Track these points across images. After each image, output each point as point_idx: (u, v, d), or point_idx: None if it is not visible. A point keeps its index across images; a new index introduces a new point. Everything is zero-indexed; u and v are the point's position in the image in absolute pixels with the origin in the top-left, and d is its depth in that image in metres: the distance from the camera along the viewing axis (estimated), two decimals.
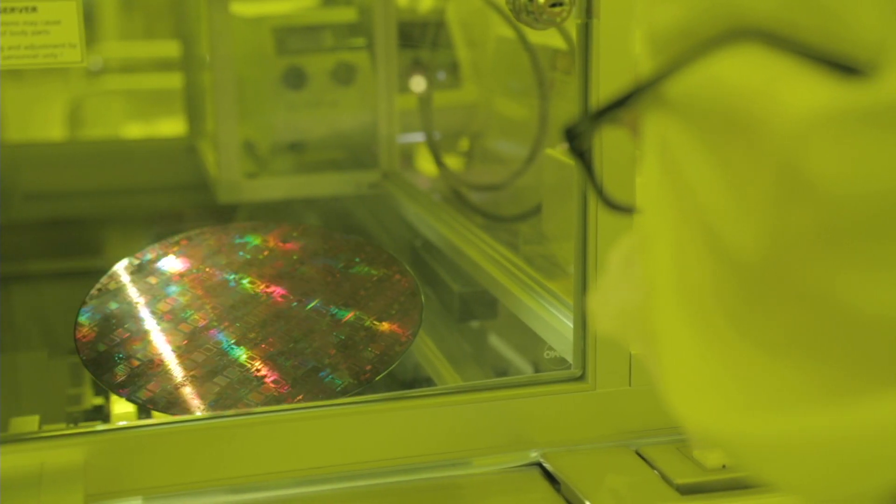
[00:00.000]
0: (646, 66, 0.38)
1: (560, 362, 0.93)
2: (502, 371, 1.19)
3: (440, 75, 1.54)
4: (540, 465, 0.87)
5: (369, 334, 0.96)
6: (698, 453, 0.83)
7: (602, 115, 0.40)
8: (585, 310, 0.87)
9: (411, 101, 1.50)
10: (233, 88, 1.42)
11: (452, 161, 1.53)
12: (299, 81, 1.46)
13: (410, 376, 1.18)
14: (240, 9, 1.52)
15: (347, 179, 1.50)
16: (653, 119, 0.38)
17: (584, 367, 0.89)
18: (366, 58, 1.49)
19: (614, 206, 0.45)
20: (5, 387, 1.11)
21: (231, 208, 1.45)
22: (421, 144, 1.53)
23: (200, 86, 1.65)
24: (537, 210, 1.18)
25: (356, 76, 1.48)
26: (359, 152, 1.53)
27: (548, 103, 1.25)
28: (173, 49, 1.85)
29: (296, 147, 1.52)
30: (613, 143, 0.81)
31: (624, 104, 0.38)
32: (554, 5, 0.81)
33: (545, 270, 1.09)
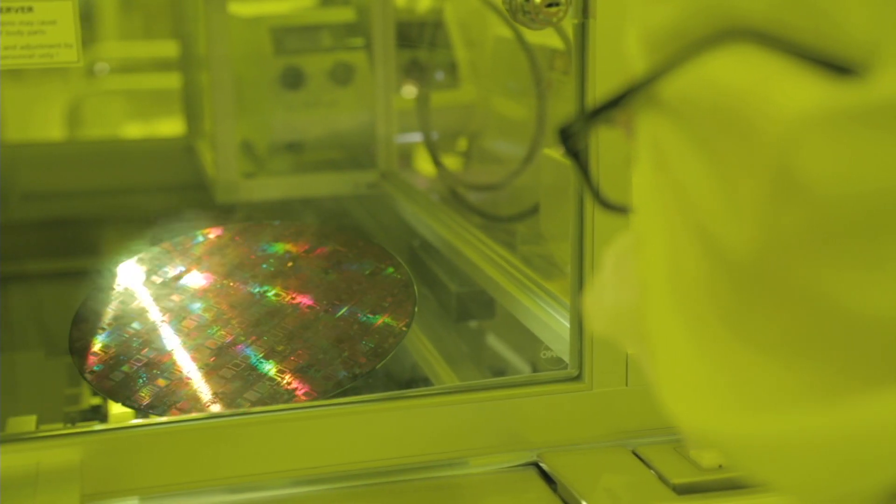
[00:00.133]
0: (639, 66, 0.38)
1: (557, 362, 0.93)
2: (499, 371, 1.19)
3: (438, 75, 1.54)
4: (536, 464, 0.87)
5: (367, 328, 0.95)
6: (695, 453, 0.83)
7: (595, 115, 0.40)
8: (581, 309, 0.87)
9: (409, 101, 1.50)
10: (231, 88, 1.42)
11: (451, 161, 1.53)
12: (297, 81, 1.46)
13: (408, 376, 1.18)
14: (237, 8, 1.52)
15: (345, 179, 1.50)
16: (646, 119, 0.38)
17: (580, 367, 0.89)
18: (364, 58, 1.49)
19: (609, 206, 0.45)
20: (3, 387, 1.11)
21: (229, 208, 1.45)
22: (419, 144, 1.53)
23: (199, 86, 1.65)
24: (535, 210, 1.18)
25: (354, 76, 1.48)
26: (357, 152, 1.53)
27: (545, 103, 1.25)
28: (172, 49, 1.85)
29: (294, 147, 1.52)
30: (609, 143, 0.81)
31: (617, 104, 0.38)
32: (550, 5, 0.81)
33: (543, 270, 1.09)
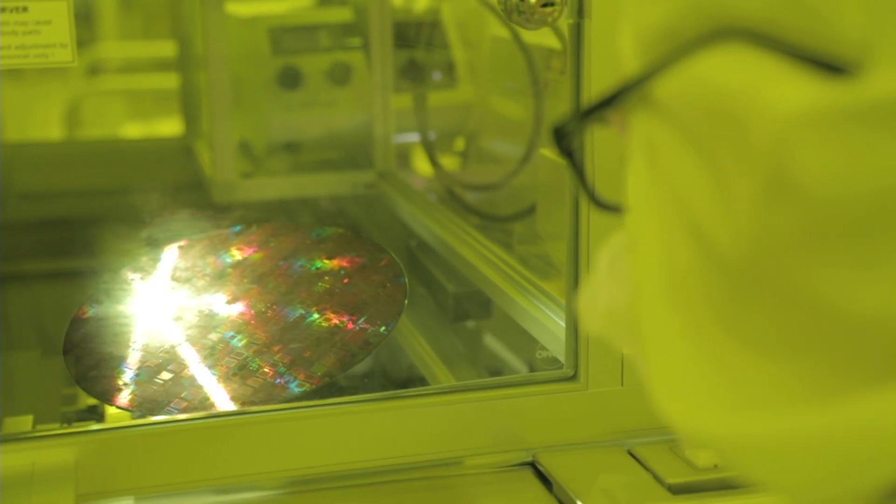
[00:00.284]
0: (633, 66, 0.38)
1: (553, 362, 0.93)
2: (496, 371, 1.19)
3: (436, 75, 1.54)
4: (532, 464, 0.87)
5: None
6: (690, 453, 0.83)
7: (589, 114, 0.40)
8: (575, 309, 0.87)
9: (407, 101, 1.50)
10: (228, 88, 1.42)
11: (448, 161, 1.53)
12: (295, 81, 1.46)
13: (404, 376, 1.18)
14: (235, 8, 1.52)
15: (343, 179, 1.50)
16: (640, 118, 0.38)
17: (576, 366, 0.89)
18: (361, 58, 1.48)
19: (603, 205, 0.45)
20: (2, 387, 1.11)
21: (226, 208, 1.45)
22: (417, 144, 1.53)
23: (197, 86, 1.65)
24: (532, 210, 1.18)
25: (352, 76, 1.48)
26: (354, 152, 1.53)
27: (542, 103, 1.24)
28: (171, 49, 1.85)
29: (291, 147, 1.52)
30: (605, 143, 0.81)
31: (611, 103, 0.38)
32: (545, 5, 0.81)
33: (540, 271, 1.09)
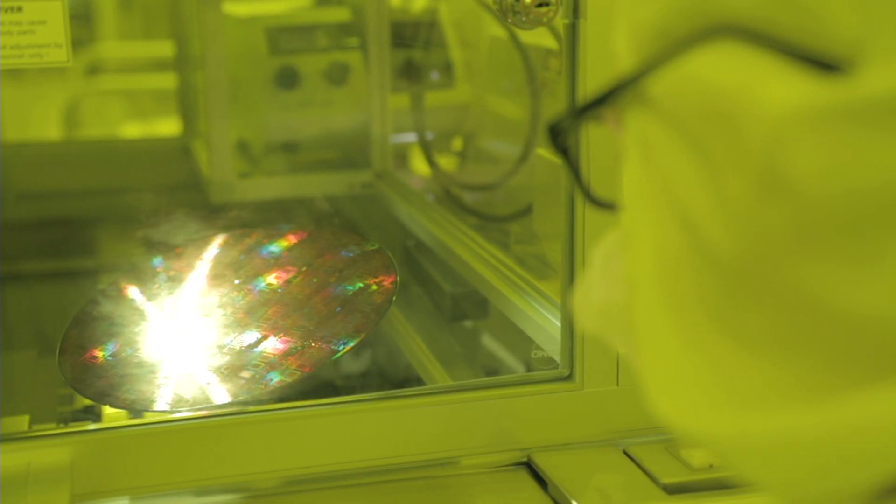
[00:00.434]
0: (627, 64, 0.38)
1: (548, 362, 0.93)
2: (493, 371, 1.19)
3: (433, 75, 1.54)
4: (527, 464, 0.87)
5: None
6: (685, 453, 0.83)
7: (584, 112, 0.40)
8: (570, 308, 0.87)
9: (404, 101, 1.49)
10: (225, 88, 1.41)
11: (446, 161, 1.53)
12: (292, 81, 1.46)
13: (402, 376, 1.18)
14: (232, 8, 1.52)
15: (340, 179, 1.50)
16: (634, 116, 0.38)
17: (571, 366, 0.89)
18: (359, 58, 1.48)
19: (598, 203, 0.45)
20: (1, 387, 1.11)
21: (223, 208, 1.45)
22: (414, 144, 1.53)
23: (195, 86, 1.65)
24: (529, 210, 1.18)
25: (349, 76, 1.48)
26: (352, 152, 1.53)
27: (539, 103, 1.24)
28: (170, 49, 1.85)
29: (289, 147, 1.52)
30: (600, 141, 0.81)
31: (605, 101, 0.38)
32: (540, 5, 0.81)
33: (536, 271, 1.09)
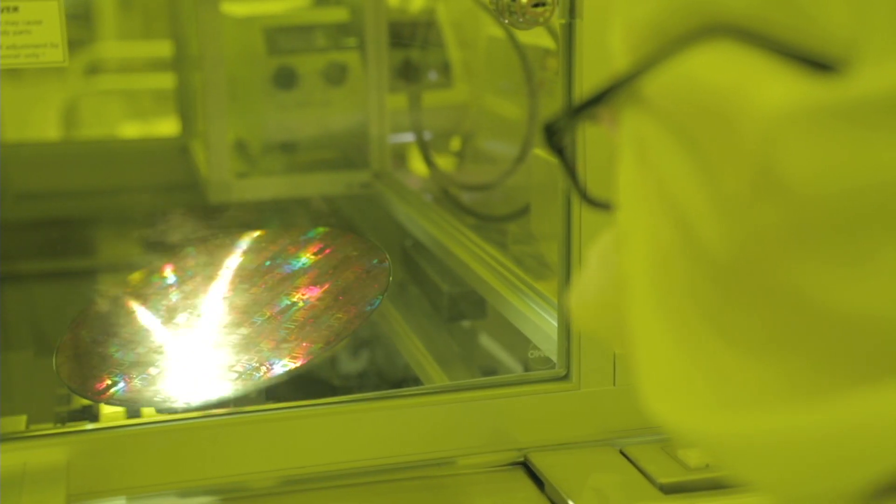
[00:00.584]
0: (622, 63, 0.38)
1: (545, 362, 0.93)
2: (490, 371, 1.19)
3: (431, 75, 1.54)
4: (524, 464, 0.87)
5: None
6: (682, 452, 0.83)
7: (579, 111, 0.40)
8: (566, 307, 0.87)
9: (402, 100, 1.50)
10: (223, 88, 1.41)
11: (444, 161, 1.53)
12: (290, 81, 1.46)
13: (399, 376, 1.18)
14: (230, 8, 1.52)
15: (338, 179, 1.50)
16: (629, 115, 0.38)
17: (568, 366, 0.89)
18: (357, 58, 1.48)
19: (594, 203, 0.45)
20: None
21: (221, 208, 1.45)
22: (412, 144, 1.53)
23: (193, 86, 1.65)
24: (527, 210, 1.18)
25: (347, 76, 1.48)
26: (350, 152, 1.53)
27: (537, 103, 1.24)
28: (168, 49, 1.85)
29: (287, 147, 1.52)
30: (596, 140, 0.81)
31: (601, 101, 0.38)
32: (536, 5, 0.81)
33: (534, 271, 1.09)
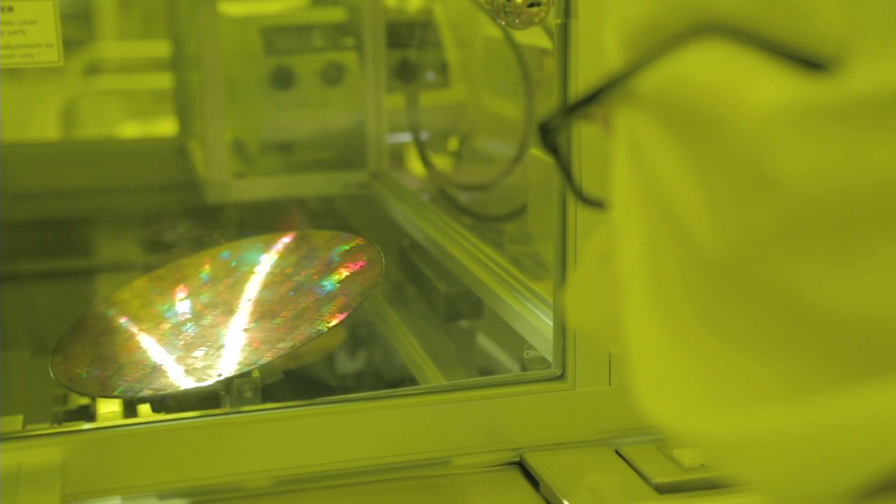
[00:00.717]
0: (616, 62, 0.38)
1: (541, 362, 0.93)
2: (487, 371, 1.19)
3: (429, 75, 1.54)
4: (520, 464, 0.87)
5: None
6: (677, 452, 0.83)
7: (574, 110, 0.40)
8: (562, 307, 0.87)
9: (400, 101, 1.50)
10: (221, 88, 1.41)
11: (441, 161, 1.53)
12: (288, 81, 1.46)
13: (396, 376, 1.18)
14: (228, 8, 1.52)
15: (336, 179, 1.50)
16: (623, 114, 0.38)
17: (563, 366, 0.89)
18: (354, 58, 1.48)
19: (589, 202, 0.45)
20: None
21: (219, 208, 1.45)
22: (410, 144, 1.53)
23: (191, 86, 1.65)
24: (523, 210, 1.18)
25: (345, 76, 1.48)
26: (347, 152, 1.53)
27: (534, 103, 1.25)
28: (167, 49, 1.85)
29: (284, 147, 1.52)
30: (591, 139, 0.81)
31: (595, 99, 0.38)
32: (531, 5, 0.81)
33: (531, 271, 1.09)
